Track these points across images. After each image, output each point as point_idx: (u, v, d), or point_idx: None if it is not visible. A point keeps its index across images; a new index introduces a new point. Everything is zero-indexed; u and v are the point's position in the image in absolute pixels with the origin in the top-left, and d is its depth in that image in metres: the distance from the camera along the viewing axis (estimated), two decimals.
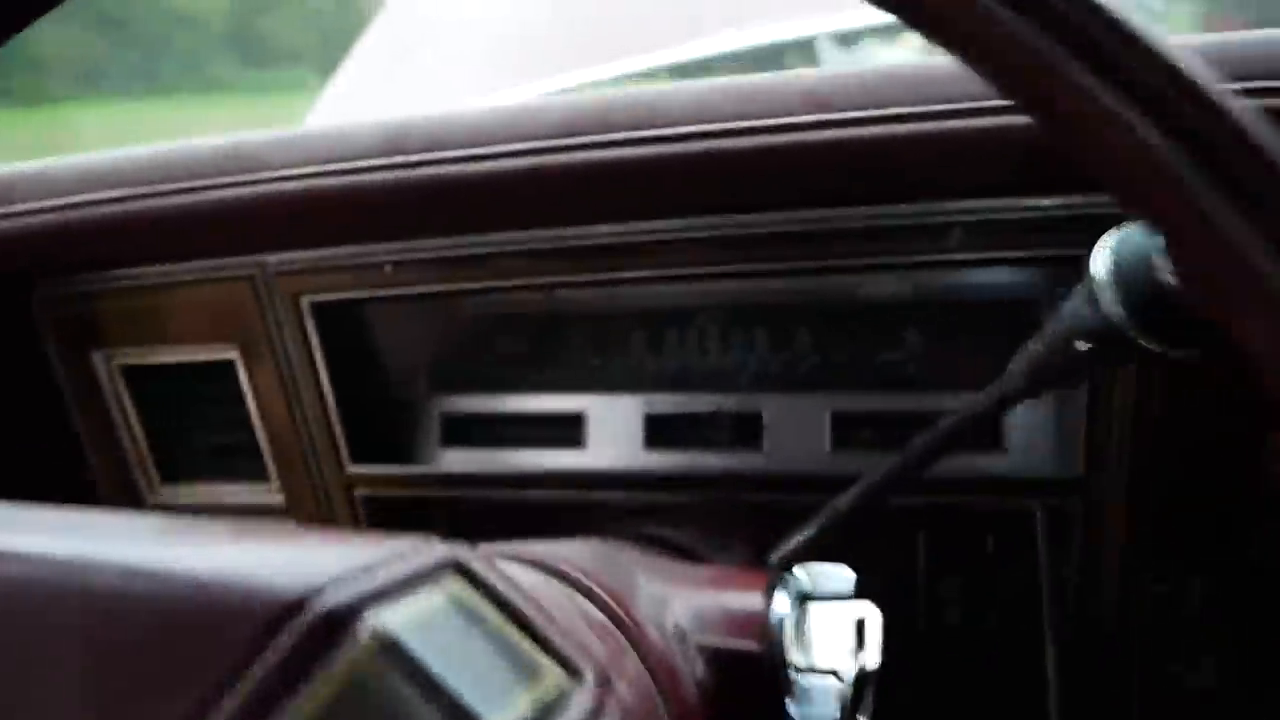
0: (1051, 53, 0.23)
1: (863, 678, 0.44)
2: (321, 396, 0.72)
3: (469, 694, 0.27)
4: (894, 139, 0.57)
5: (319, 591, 0.28)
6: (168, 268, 0.72)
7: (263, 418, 0.74)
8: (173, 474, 0.81)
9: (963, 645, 0.73)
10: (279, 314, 0.70)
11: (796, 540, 0.58)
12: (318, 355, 0.71)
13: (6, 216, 0.71)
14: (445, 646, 0.28)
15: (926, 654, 0.73)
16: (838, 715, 0.44)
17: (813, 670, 0.45)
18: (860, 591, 0.51)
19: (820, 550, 0.58)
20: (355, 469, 0.74)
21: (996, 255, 0.61)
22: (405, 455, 0.77)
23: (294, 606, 0.27)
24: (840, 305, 0.71)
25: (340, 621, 0.27)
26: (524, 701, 0.28)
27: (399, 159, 0.62)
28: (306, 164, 0.64)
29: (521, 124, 0.62)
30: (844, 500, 0.55)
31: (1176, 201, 0.23)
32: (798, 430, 0.71)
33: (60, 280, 0.74)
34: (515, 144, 0.61)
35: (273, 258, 0.69)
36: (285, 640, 0.27)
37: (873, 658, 0.45)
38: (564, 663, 0.30)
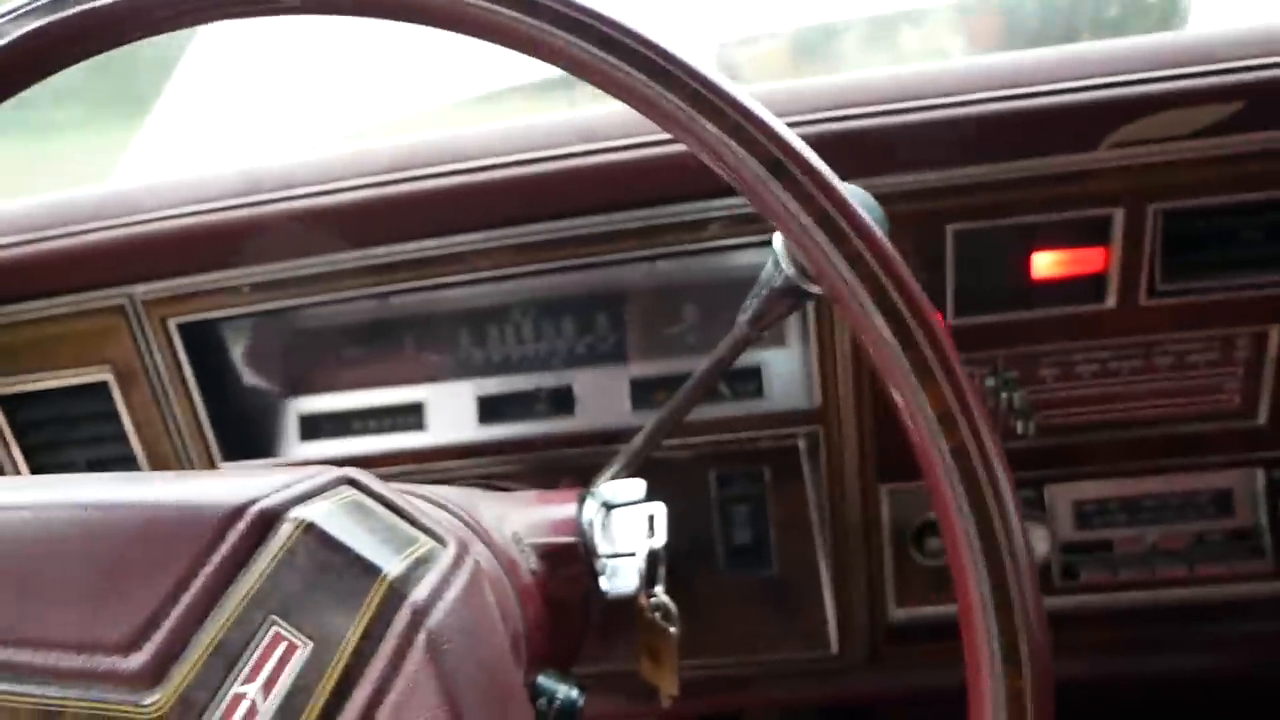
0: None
1: (654, 555, 0.60)
2: (193, 407, 0.83)
3: (369, 553, 0.40)
4: (651, 159, 0.74)
5: (254, 500, 0.41)
6: (38, 303, 0.80)
7: (138, 429, 0.84)
8: None
9: (753, 558, 0.90)
10: (149, 337, 0.80)
11: (605, 477, 0.73)
12: (187, 371, 0.81)
13: None
14: (347, 527, 0.41)
15: (726, 570, 0.90)
16: (636, 584, 0.59)
17: (615, 555, 0.60)
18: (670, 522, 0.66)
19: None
20: (227, 468, 0.85)
21: (747, 240, 0.78)
22: (268, 452, 0.88)
23: (237, 512, 0.40)
24: (630, 292, 0.87)
25: (273, 517, 0.40)
26: (406, 556, 0.42)
27: (256, 197, 0.75)
28: (177, 205, 0.75)
29: (359, 163, 0.76)
30: (637, 440, 0.71)
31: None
32: (604, 397, 0.86)
33: None
34: (355, 179, 0.75)
35: (140, 288, 0.79)
36: (233, 534, 0.40)
37: (659, 540, 0.60)
38: (433, 535, 0.44)
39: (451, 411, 0.88)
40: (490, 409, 0.87)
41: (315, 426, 0.89)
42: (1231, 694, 1.03)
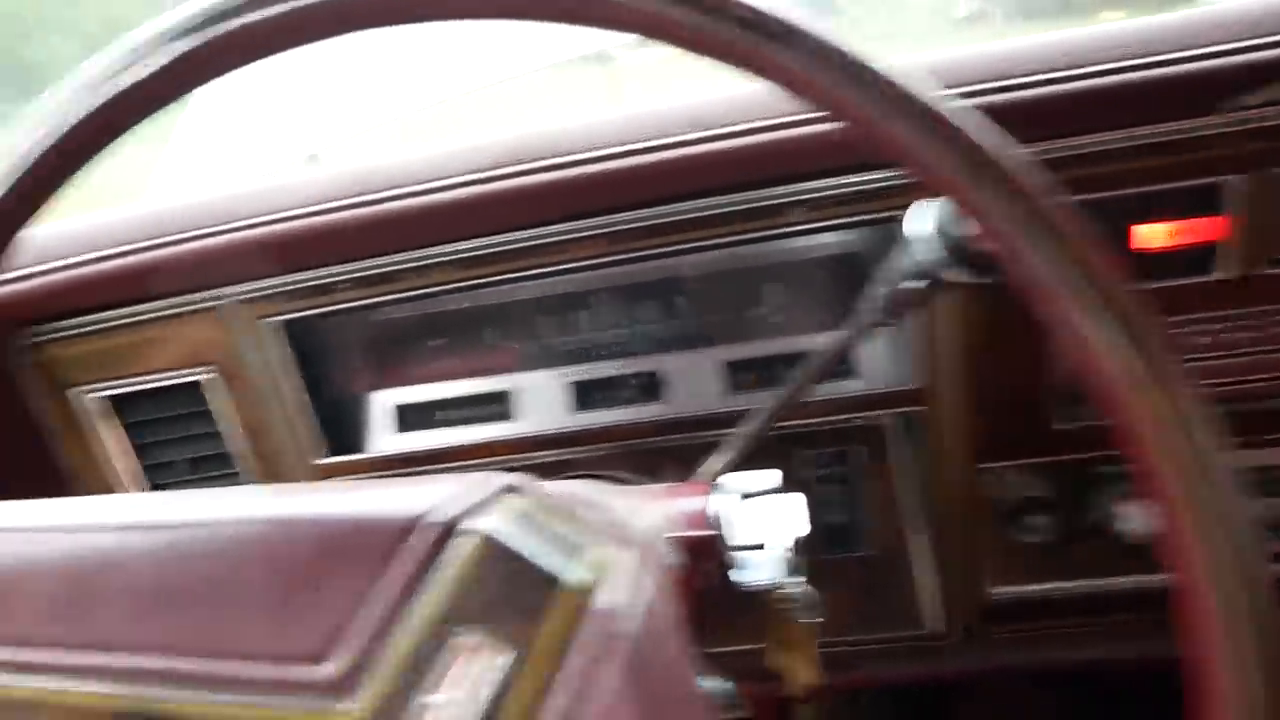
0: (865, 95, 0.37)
1: (795, 547, 0.60)
2: (291, 403, 0.84)
3: (550, 563, 0.40)
4: (763, 144, 0.73)
5: (429, 511, 0.40)
6: (139, 307, 0.81)
7: (238, 427, 0.85)
8: (159, 488, 0.90)
9: (845, 539, 0.90)
10: (249, 336, 0.81)
11: (717, 463, 0.73)
12: (286, 368, 0.82)
13: None
14: (523, 537, 0.41)
15: (818, 550, 0.89)
16: (773, 575, 0.59)
17: (749, 547, 0.60)
18: None
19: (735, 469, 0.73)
20: (327, 461, 0.85)
21: (828, 223, 0.77)
22: (363, 446, 0.89)
23: (411, 524, 0.40)
24: (712, 275, 0.86)
25: (450, 529, 0.40)
26: (585, 564, 0.41)
27: (367, 197, 0.74)
28: (281, 210, 0.75)
29: (467, 160, 0.76)
30: (750, 427, 0.70)
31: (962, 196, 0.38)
32: (690, 381, 0.86)
33: (33, 328, 0.82)
34: (464, 175, 0.75)
35: (239, 289, 0.79)
36: (411, 546, 0.39)
37: (801, 530, 0.60)
38: (609, 540, 0.44)
39: (539, 400, 0.87)
40: (579, 396, 0.87)
41: (406, 419, 0.89)
42: None
